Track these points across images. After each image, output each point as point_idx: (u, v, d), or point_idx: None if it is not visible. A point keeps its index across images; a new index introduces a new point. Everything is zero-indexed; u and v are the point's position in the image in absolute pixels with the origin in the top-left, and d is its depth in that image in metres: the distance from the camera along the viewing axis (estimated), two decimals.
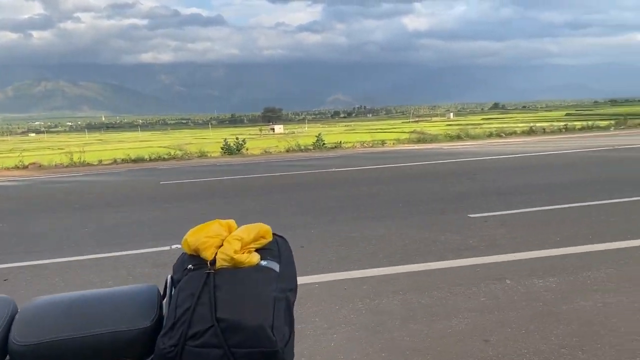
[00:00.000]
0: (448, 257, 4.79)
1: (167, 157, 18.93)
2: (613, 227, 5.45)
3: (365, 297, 3.89)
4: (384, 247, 5.27)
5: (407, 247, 5.20)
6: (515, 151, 14.55)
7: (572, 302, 3.57)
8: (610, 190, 7.56)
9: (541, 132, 23.39)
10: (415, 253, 5.00)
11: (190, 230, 1.34)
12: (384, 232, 5.87)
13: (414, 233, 5.77)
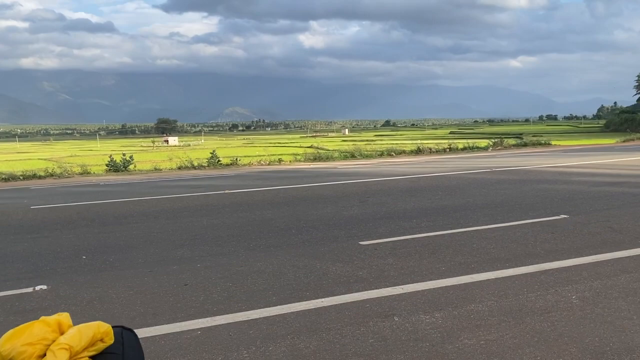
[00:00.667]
0: (338, 292, 4.69)
1: (44, 175, 17.32)
2: (492, 255, 5.69)
3: (251, 343, 3.65)
4: (275, 281, 5.07)
5: (299, 281, 5.05)
6: (405, 172, 15.11)
7: (457, 340, 3.59)
8: (490, 214, 7.98)
9: (428, 152, 24.66)
10: (306, 287, 4.85)
11: (5, 335, 1.03)
12: (275, 265, 5.67)
13: (306, 264, 5.63)
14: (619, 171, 13.24)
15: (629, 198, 8.97)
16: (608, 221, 7.11)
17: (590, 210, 8.02)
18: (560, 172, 13.38)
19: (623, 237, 6.18)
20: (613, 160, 16.37)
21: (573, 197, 9.36)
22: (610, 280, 4.67)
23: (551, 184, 11.24)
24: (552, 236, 6.42)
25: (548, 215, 7.62)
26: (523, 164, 16.04)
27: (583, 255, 5.48)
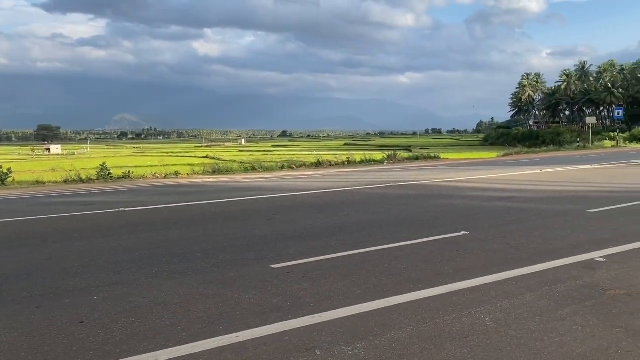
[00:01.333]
0: (254, 323, 4.42)
1: None
2: (404, 276, 5.73)
3: None
4: (183, 315, 4.68)
5: (210, 313, 4.70)
6: (308, 187, 15.10)
7: None
8: (397, 231, 8.12)
9: (328, 165, 25.01)
10: (218, 320, 4.52)
11: None
12: (182, 294, 5.26)
13: (216, 292, 5.29)
14: (505, 186, 14.22)
15: (519, 213, 9.60)
16: (505, 237, 7.51)
17: (487, 226, 8.44)
18: (455, 187, 14.11)
19: (521, 254, 6.53)
20: (499, 175, 17.61)
21: (470, 212, 9.84)
22: (517, 299, 4.86)
23: (448, 199, 11.78)
24: (457, 254, 6.63)
25: (450, 232, 7.89)
26: (419, 178, 16.73)
27: (488, 274, 5.68)
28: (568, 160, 25.49)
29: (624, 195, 11.67)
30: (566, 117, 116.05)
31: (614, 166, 20.73)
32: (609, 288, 5.12)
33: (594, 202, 10.62)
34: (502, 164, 23.82)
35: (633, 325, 4.17)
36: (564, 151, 38.27)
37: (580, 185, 14.13)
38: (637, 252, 6.49)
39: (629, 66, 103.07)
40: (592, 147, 41.58)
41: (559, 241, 7.21)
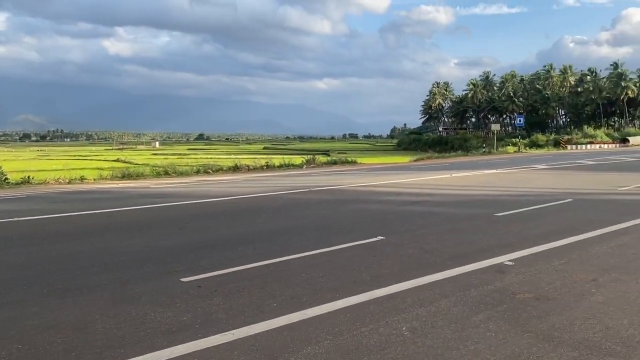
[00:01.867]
0: (159, 345, 4.07)
1: None
2: (321, 285, 5.58)
3: None
4: (79, 338, 4.21)
5: (110, 335, 4.27)
6: (225, 192, 14.64)
7: None
8: (314, 238, 7.99)
9: (246, 170, 24.56)
10: (119, 343, 4.11)
11: None
12: (78, 315, 4.77)
13: (118, 311, 4.84)
14: (418, 190, 14.61)
15: (432, 217, 9.82)
16: (419, 242, 7.60)
17: (402, 230, 8.53)
18: (371, 192, 14.28)
19: (435, 259, 6.61)
20: (412, 180, 18.08)
21: (385, 217, 9.93)
22: (433, 306, 4.85)
23: (365, 203, 11.87)
24: (374, 260, 6.59)
25: (367, 237, 7.87)
26: (337, 183, 16.79)
27: (404, 280, 5.67)
28: (475, 165, 26.77)
29: (527, 198, 12.34)
30: (472, 123, 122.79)
31: (517, 171, 22.03)
32: (518, 292, 5.26)
33: (501, 205, 11.11)
34: (415, 169, 24.58)
35: (542, 329, 4.27)
36: (472, 156, 40.27)
37: (487, 189, 14.80)
38: (541, 255, 6.77)
39: (528, 77, 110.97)
40: (497, 152, 44.11)
41: (470, 245, 7.39)
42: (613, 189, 14.19)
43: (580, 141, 64.30)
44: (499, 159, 33.14)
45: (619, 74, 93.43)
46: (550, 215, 9.94)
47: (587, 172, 21.17)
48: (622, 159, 29.81)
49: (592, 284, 5.50)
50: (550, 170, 22.46)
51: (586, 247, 7.17)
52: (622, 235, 7.94)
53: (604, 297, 5.05)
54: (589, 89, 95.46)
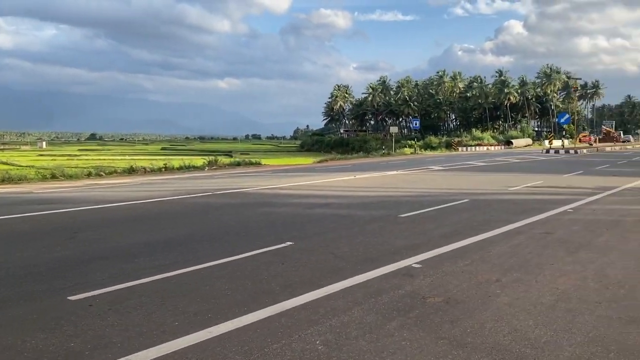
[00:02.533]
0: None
1: None
2: (228, 298, 5.22)
3: None
4: None
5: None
6: (121, 197, 13.63)
7: None
8: (219, 246, 7.57)
9: (143, 172, 23.26)
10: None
11: None
12: None
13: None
14: (325, 192, 14.59)
15: (339, 220, 9.76)
16: (328, 246, 7.46)
17: (311, 234, 8.36)
18: (278, 194, 14.01)
19: (345, 264, 6.48)
20: (318, 182, 18.09)
21: (293, 221, 9.71)
22: (346, 315, 4.69)
23: (271, 207, 11.57)
24: (283, 268, 6.33)
25: (275, 243, 7.60)
26: (242, 186, 16.33)
27: (316, 288, 5.47)
28: (376, 166, 27.51)
29: (428, 199, 12.74)
30: (372, 126, 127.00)
31: (415, 172, 22.88)
32: (429, 296, 5.26)
33: (404, 206, 11.35)
34: (320, 170, 24.71)
35: (455, 335, 4.25)
36: (372, 158, 41.46)
37: (390, 190, 15.13)
38: (446, 256, 6.90)
39: (422, 82, 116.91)
40: (395, 154, 45.82)
41: (378, 248, 7.38)
42: (504, 189, 15.11)
43: (470, 143, 68.80)
44: (398, 160, 34.37)
45: (502, 81, 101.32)
46: (450, 215, 10.29)
47: (479, 173, 22.49)
48: (509, 160, 32.15)
49: (497, 284, 5.65)
50: (446, 171, 23.60)
51: (486, 247, 7.43)
52: (517, 235, 8.36)
53: (509, 298, 5.18)
54: (477, 95, 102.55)
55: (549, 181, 17.86)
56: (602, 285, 5.61)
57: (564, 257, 6.86)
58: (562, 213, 10.66)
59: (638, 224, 9.49)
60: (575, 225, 9.23)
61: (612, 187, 15.66)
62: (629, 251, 7.24)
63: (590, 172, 22.47)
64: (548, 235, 8.33)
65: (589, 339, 4.13)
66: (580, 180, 18.39)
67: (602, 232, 8.65)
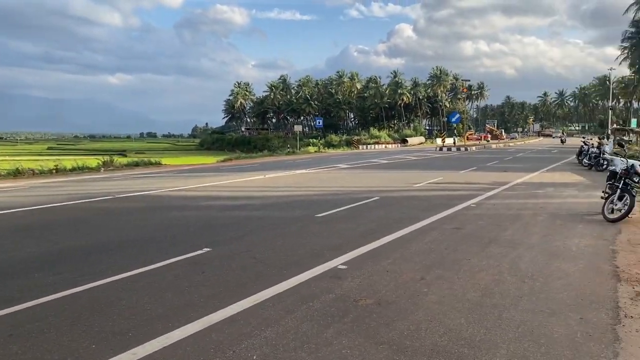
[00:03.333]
0: None
1: None
2: (148, 313, 4.80)
3: None
4: None
5: None
6: (5, 204, 12.28)
7: None
8: (130, 255, 7.00)
9: (30, 174, 21.24)
10: None
11: None
12: None
13: None
14: (236, 193, 14.18)
15: (257, 222, 9.49)
16: (249, 251, 7.19)
17: (229, 239, 8.02)
18: (186, 197, 13.38)
19: (270, 269, 6.26)
20: (227, 182, 17.57)
21: (208, 225, 9.28)
22: (280, 326, 4.49)
23: (182, 210, 11.00)
24: (204, 277, 5.98)
25: (191, 250, 7.18)
26: (145, 188, 15.43)
27: (243, 297, 5.21)
28: (284, 165, 27.40)
29: (341, 198, 12.83)
30: (273, 124, 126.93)
31: (323, 170, 23.07)
32: (360, 298, 5.20)
33: (319, 206, 11.32)
34: (226, 170, 24.10)
35: (393, 338, 4.22)
36: (277, 156, 41.32)
37: (302, 189, 15.07)
38: (368, 255, 6.92)
39: (322, 81, 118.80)
40: (300, 152, 46.03)
41: (301, 250, 7.24)
42: (410, 186, 15.65)
43: (368, 141, 71.05)
44: (304, 159, 34.53)
45: (396, 82, 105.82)
46: (365, 214, 10.41)
47: (383, 170, 23.17)
48: (408, 158, 33.52)
49: (422, 282, 5.74)
50: (353, 169, 24.05)
51: (404, 245, 7.57)
52: (431, 231, 8.62)
53: (436, 297, 5.27)
54: (373, 95, 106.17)
55: (448, 177, 18.79)
56: (519, 279, 5.89)
57: (478, 252, 7.16)
58: (466, 208, 11.21)
59: (534, 217, 10.20)
60: (481, 220, 9.73)
61: (505, 182, 16.82)
62: (534, 245, 7.72)
63: (483, 168, 24.02)
64: (459, 231, 8.68)
65: (519, 334, 4.28)
66: (476, 176, 19.57)
67: (507, 226, 9.18)
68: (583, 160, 25.04)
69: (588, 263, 6.64)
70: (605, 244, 7.77)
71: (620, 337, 4.25)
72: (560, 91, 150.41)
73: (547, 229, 8.94)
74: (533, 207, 11.48)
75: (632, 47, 58.55)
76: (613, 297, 5.26)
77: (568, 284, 5.69)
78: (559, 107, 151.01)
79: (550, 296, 5.29)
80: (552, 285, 5.66)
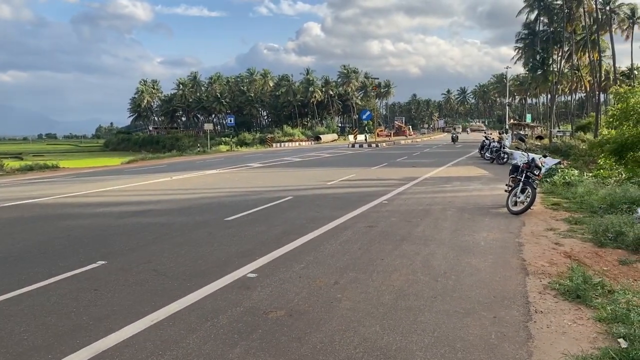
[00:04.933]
0: None
1: None
2: (26, 344, 4.14)
3: None
4: None
5: None
6: None
7: None
8: (11, 273, 6.15)
9: None
10: None
11: None
12: None
13: None
14: (139, 198, 13.26)
15: (160, 229, 8.82)
16: (150, 262, 6.58)
17: (127, 249, 7.33)
18: (83, 204, 12.26)
19: (172, 282, 5.73)
20: (130, 185, 16.48)
21: (104, 234, 8.47)
22: (181, 348, 4.02)
23: (76, 219, 10.02)
24: (95, 295, 5.33)
25: (83, 264, 6.46)
26: (36, 195, 14.05)
27: (139, 317, 4.67)
28: (193, 165, 26.38)
29: (252, 198, 12.38)
30: (183, 122, 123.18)
31: (235, 170, 22.42)
32: (270, 310, 4.84)
33: (229, 209, 10.81)
34: (130, 172, 22.72)
35: (304, 354, 3.90)
36: (187, 156, 39.91)
37: (212, 191, 14.42)
38: (280, 261, 6.58)
39: (233, 79, 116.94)
40: (211, 151, 44.81)
41: (208, 258, 6.74)
42: (323, 184, 15.50)
43: (282, 139, 70.92)
44: (215, 158, 33.55)
45: (308, 80, 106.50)
46: (277, 215, 10.06)
47: (296, 168, 22.93)
48: (321, 155, 33.60)
49: (336, 287, 5.48)
50: (266, 168, 23.59)
51: (318, 247, 7.31)
52: (344, 231, 8.44)
53: (350, 302, 5.02)
54: (286, 92, 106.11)
55: (360, 174, 18.92)
56: (432, 278, 5.81)
57: (391, 251, 7.05)
58: (379, 205, 11.20)
59: (443, 212, 10.37)
60: (393, 217, 9.72)
61: (415, 177, 17.18)
62: (444, 240, 7.76)
63: (393, 164, 24.52)
64: (372, 229, 8.58)
65: (435, 339, 4.12)
66: (387, 172, 19.87)
67: (418, 222, 9.22)
68: (485, 154, 26.32)
69: (497, 257, 6.74)
70: (512, 237, 7.98)
71: (533, 334, 4.22)
72: (462, 88, 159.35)
73: (456, 224, 9.08)
74: (442, 202, 11.71)
75: (525, 47, 62.80)
76: (523, 291, 5.30)
77: (479, 281, 5.68)
78: (461, 104, 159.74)
79: (464, 295, 5.23)
80: (465, 283, 5.62)
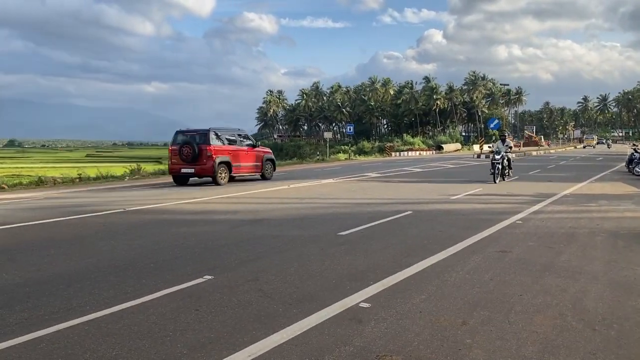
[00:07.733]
0: None
1: None
2: None
3: None
4: None
5: None
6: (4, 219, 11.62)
7: None
8: (118, 284, 6.01)
9: (52, 183, 20.81)
10: None
11: None
12: None
13: None
14: (256, 205, 13.17)
15: (271, 241, 8.42)
16: (257, 280, 6.12)
17: (236, 263, 6.97)
18: (202, 211, 12.38)
19: (276, 306, 5.17)
20: (249, 192, 16.62)
21: (215, 245, 8.22)
22: None
23: (191, 226, 10.03)
24: (196, 316, 4.93)
25: (189, 278, 6.16)
26: (162, 200, 14.59)
27: (237, 348, 4.14)
28: (311, 173, 26.35)
29: (368, 211, 11.67)
30: (305, 131, 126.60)
31: (352, 179, 21.89)
32: (384, 353, 4.05)
33: (343, 222, 10.19)
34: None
35: None
36: (306, 164, 40.36)
37: (327, 201, 13.96)
38: (397, 288, 5.76)
39: (354, 88, 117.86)
40: (329, 159, 44.98)
41: (317, 279, 6.12)
42: (446, 198, 14.34)
43: (401, 148, 69.50)
44: (333, 167, 33.43)
45: (431, 87, 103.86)
46: (395, 231, 9.23)
47: (417, 179, 21.83)
48: (443, 166, 32.01)
49: (464, 330, 4.54)
50: (384, 178, 22.79)
51: (442, 274, 6.36)
52: (472, 255, 7.37)
53: (483, 352, 4.07)
54: (407, 100, 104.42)
55: (487, 188, 17.38)
56: (587, 325, 4.63)
57: (531, 285, 5.90)
58: (512, 226, 9.89)
59: (592, 237, 8.83)
60: (531, 241, 8.42)
61: (552, 194, 15.32)
62: (597, 274, 6.40)
63: (525, 177, 22.42)
64: (505, 255, 7.42)
65: None
66: (519, 186, 18.07)
67: (561, 248, 7.85)
68: (635, 169, 23.14)
69: None
70: None
71: None
72: (602, 96, 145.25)
73: (610, 253, 7.58)
74: (588, 225, 10.07)
75: None
76: None
77: None
78: (600, 112, 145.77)
79: (632, 353, 4.03)
80: (633, 336, 4.38)
